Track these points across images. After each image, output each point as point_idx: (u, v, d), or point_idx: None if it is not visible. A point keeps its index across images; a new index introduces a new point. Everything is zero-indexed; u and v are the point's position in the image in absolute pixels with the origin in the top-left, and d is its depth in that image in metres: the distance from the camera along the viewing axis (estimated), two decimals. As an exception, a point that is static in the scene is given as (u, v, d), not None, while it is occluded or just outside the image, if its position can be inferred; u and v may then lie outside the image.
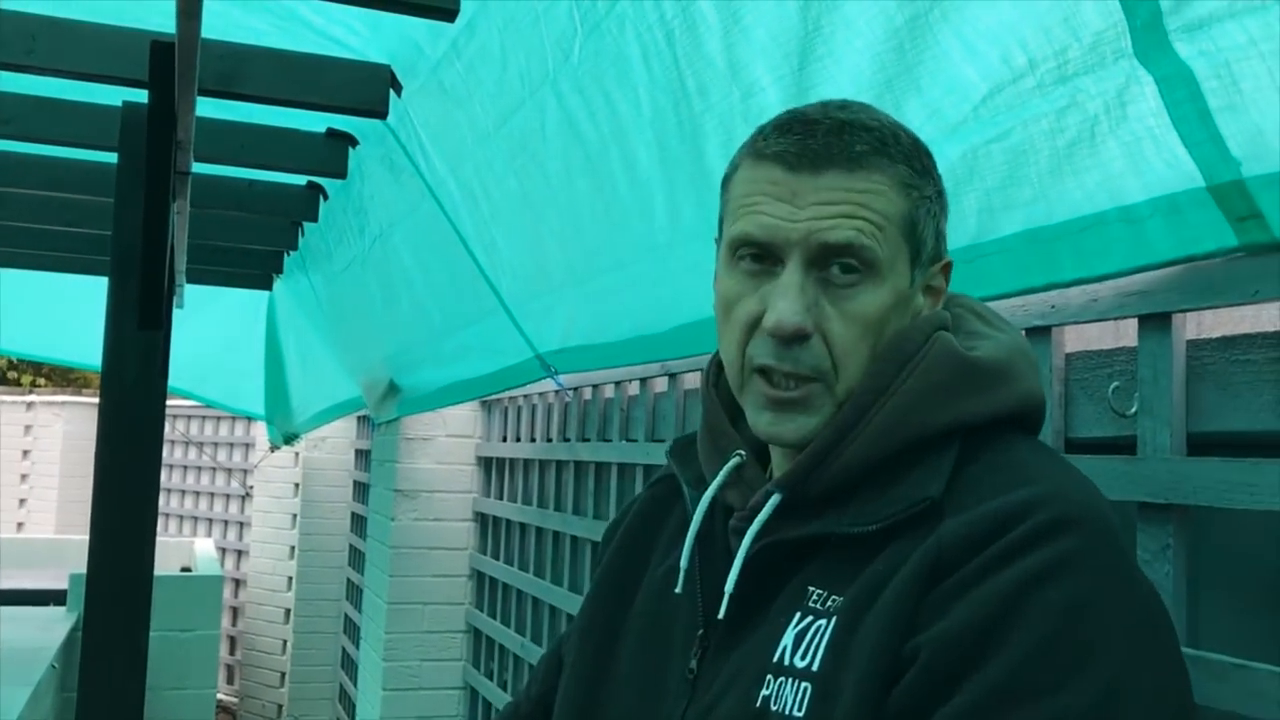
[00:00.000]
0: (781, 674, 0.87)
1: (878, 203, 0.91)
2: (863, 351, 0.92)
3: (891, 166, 0.92)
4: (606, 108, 1.84)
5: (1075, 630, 0.77)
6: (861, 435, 0.90)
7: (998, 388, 0.92)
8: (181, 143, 2.32)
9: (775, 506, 0.93)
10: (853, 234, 0.90)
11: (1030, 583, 0.78)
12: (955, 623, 0.79)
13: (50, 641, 4.22)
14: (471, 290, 2.93)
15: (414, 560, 4.47)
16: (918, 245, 0.95)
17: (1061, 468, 0.89)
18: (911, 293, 0.95)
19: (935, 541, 0.83)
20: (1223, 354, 1.19)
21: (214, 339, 6.01)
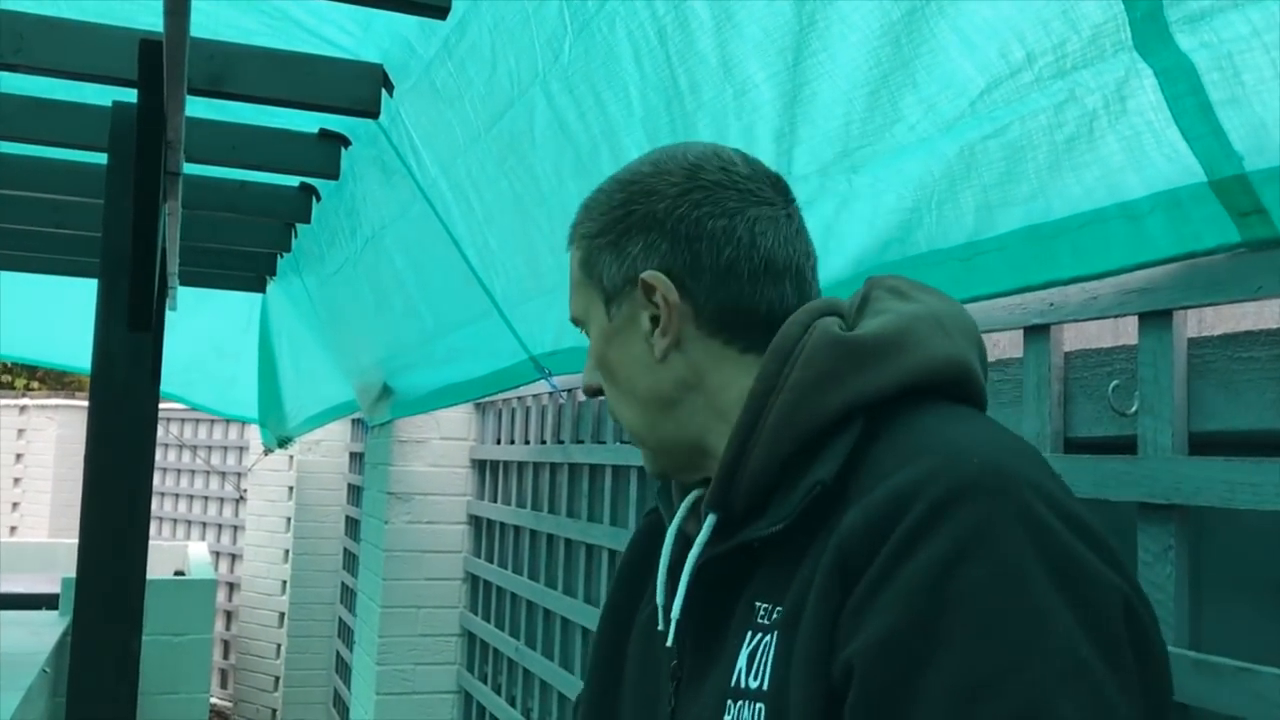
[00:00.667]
0: (740, 697, 0.86)
1: (571, 268, 1.04)
2: (612, 391, 1.03)
3: (576, 231, 1.04)
4: (597, 108, 1.83)
5: (1016, 600, 0.72)
6: (759, 440, 0.90)
7: (885, 361, 0.89)
8: (171, 143, 2.30)
9: (712, 526, 0.93)
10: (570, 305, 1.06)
11: (947, 566, 0.73)
12: (879, 629, 0.75)
13: (42, 646, 4.20)
14: (464, 292, 2.91)
15: (407, 563, 4.45)
16: (599, 281, 1.01)
17: (965, 429, 0.85)
18: (619, 324, 1.00)
19: (836, 538, 0.81)
20: (1224, 352, 1.17)
21: (207, 342, 5.99)
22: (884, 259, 1.47)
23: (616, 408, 1.03)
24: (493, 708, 3.98)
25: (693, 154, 1.01)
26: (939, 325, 0.93)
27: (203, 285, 4.89)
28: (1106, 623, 0.74)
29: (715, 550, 0.93)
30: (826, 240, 1.56)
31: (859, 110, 1.36)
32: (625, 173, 1.03)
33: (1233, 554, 1.22)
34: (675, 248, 0.97)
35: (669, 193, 0.98)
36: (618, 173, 1.04)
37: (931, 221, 1.36)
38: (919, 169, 1.33)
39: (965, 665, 0.72)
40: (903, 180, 1.37)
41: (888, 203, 1.41)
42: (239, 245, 4.35)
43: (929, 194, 1.35)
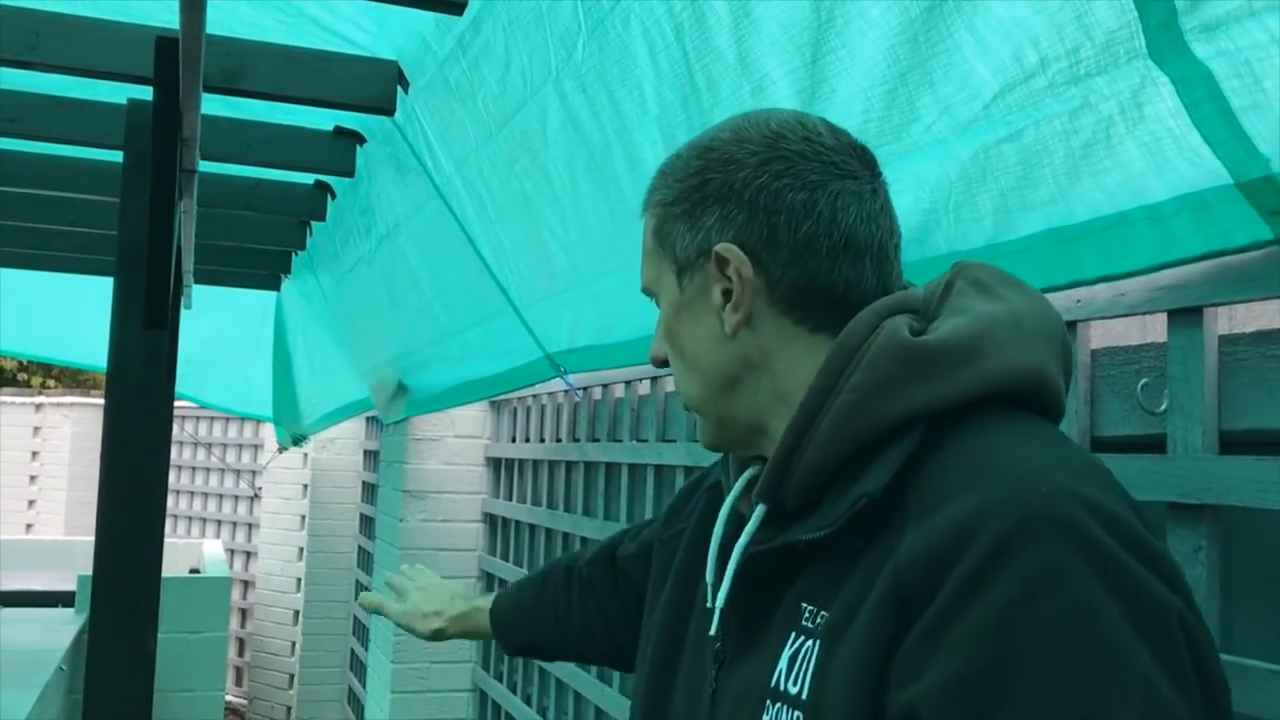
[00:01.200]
0: (778, 699, 0.86)
1: (643, 239, 1.03)
2: (677, 364, 1.01)
3: (650, 198, 1.02)
4: (610, 106, 1.81)
5: (1092, 641, 0.70)
6: (813, 439, 0.88)
7: (956, 370, 0.85)
8: (187, 140, 2.29)
9: (761, 517, 0.93)
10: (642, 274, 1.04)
11: (1017, 607, 0.71)
12: (946, 674, 0.72)
13: (58, 643, 4.20)
14: (479, 290, 2.90)
15: (422, 561, 4.40)
16: (673, 251, 0.98)
17: (1032, 449, 0.81)
18: (690, 297, 0.98)
19: (893, 563, 0.78)
20: (1257, 349, 1.15)
21: (223, 340, 5.99)
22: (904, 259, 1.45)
23: (680, 380, 1.01)
24: (509, 706, 3.97)
25: (775, 121, 0.97)
26: (1018, 329, 0.89)
27: (218, 283, 4.89)
28: (1177, 653, 0.72)
29: (762, 547, 0.92)
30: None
31: (877, 109, 1.35)
32: (705, 138, 0.99)
33: (1265, 555, 1.20)
34: (752, 220, 0.94)
35: (749, 162, 0.95)
36: (697, 138, 1.00)
37: (950, 224, 1.35)
38: (935, 171, 1.32)
39: (1042, 712, 0.69)
40: (919, 182, 1.36)
41: (904, 203, 1.39)
42: (254, 243, 4.35)
43: (945, 196, 1.33)
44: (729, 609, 0.94)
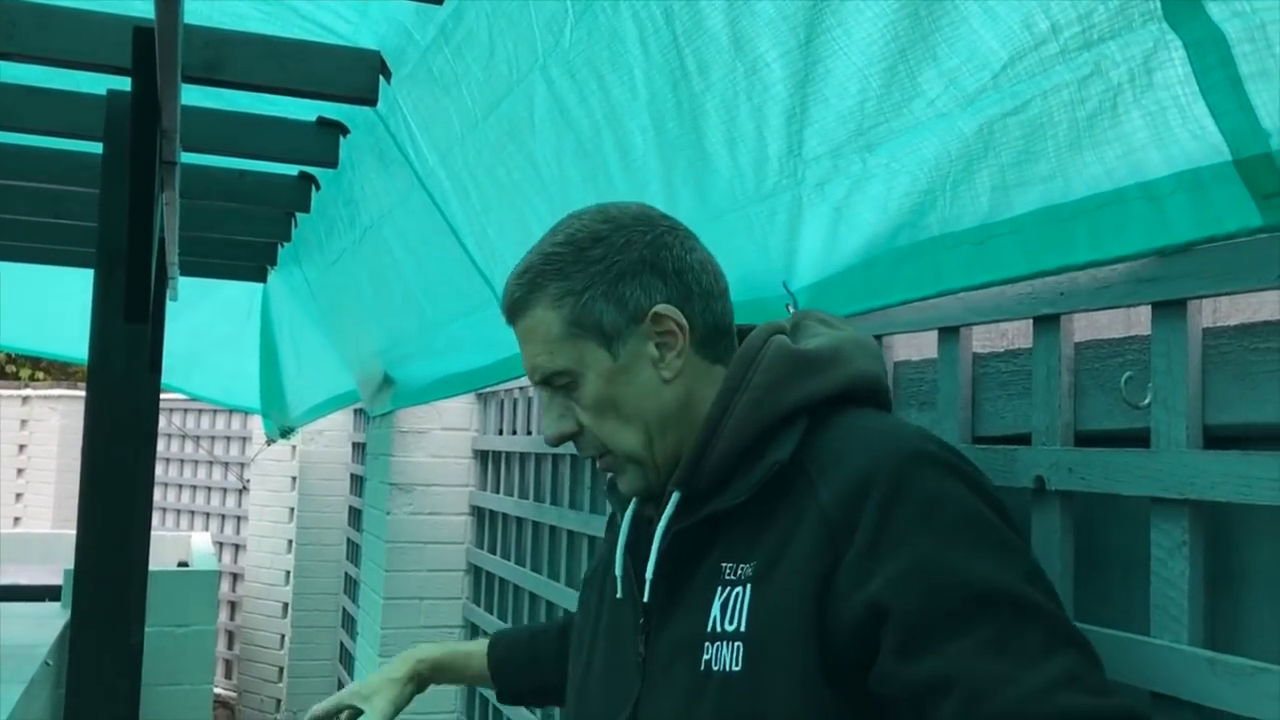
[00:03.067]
0: (717, 639, 1.08)
1: (540, 331, 1.18)
2: (609, 425, 1.18)
3: (541, 295, 1.18)
4: (600, 92, 1.79)
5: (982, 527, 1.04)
6: (726, 429, 1.13)
7: (826, 372, 1.16)
8: (167, 131, 2.26)
9: (677, 502, 1.16)
10: (539, 369, 1.19)
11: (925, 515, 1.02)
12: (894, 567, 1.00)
13: (44, 638, 4.18)
14: (464, 282, 2.88)
15: (410, 555, 4.43)
16: (598, 329, 1.17)
17: (887, 422, 1.16)
18: (625, 361, 1.17)
19: (818, 511, 1.06)
20: (1241, 342, 1.14)
21: (210, 332, 5.96)
22: (895, 244, 1.44)
23: (613, 439, 1.19)
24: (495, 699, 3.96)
25: (629, 209, 1.23)
26: (861, 347, 1.22)
27: (204, 275, 4.86)
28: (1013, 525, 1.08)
29: (685, 523, 1.15)
30: (836, 224, 1.52)
31: (875, 87, 1.32)
32: (580, 233, 1.19)
33: (1249, 550, 1.19)
34: (668, 283, 1.18)
35: (643, 240, 1.19)
36: (564, 236, 1.20)
37: (945, 204, 1.33)
38: (935, 148, 1.30)
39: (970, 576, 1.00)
40: (918, 160, 1.34)
41: (902, 184, 1.38)
42: (239, 235, 4.32)
43: (945, 174, 1.31)
44: (656, 582, 1.16)
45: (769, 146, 1.53)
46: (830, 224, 1.54)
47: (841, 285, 1.58)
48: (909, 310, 1.51)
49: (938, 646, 0.97)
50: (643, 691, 1.17)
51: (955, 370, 1.49)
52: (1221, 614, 1.19)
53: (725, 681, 1.06)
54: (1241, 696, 1.06)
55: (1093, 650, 1.01)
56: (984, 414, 1.47)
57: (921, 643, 0.98)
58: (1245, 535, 1.19)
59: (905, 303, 1.47)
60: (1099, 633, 1.22)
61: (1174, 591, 1.16)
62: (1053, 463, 1.30)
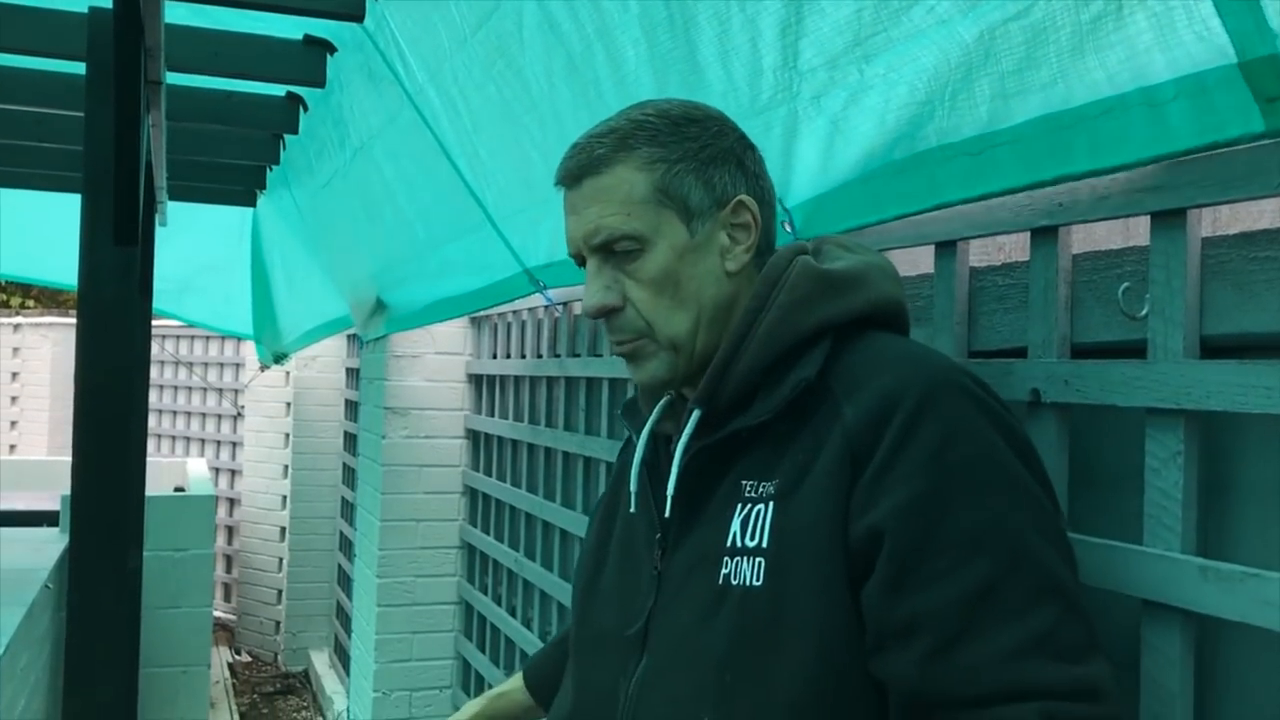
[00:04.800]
0: (736, 554, 1.08)
1: (620, 191, 1.15)
2: (665, 306, 1.16)
3: (630, 155, 1.15)
4: (590, 5, 1.75)
5: (994, 466, 1.02)
6: (749, 346, 1.13)
7: (852, 293, 1.15)
8: (151, 50, 2.22)
9: (697, 420, 1.15)
10: (607, 230, 1.15)
11: (943, 446, 1.01)
12: (900, 498, 1.00)
13: (43, 562, 4.20)
14: (456, 204, 2.85)
15: (406, 478, 4.45)
16: (683, 203, 1.15)
17: (912, 347, 1.14)
18: (699, 240, 1.16)
19: (842, 430, 1.05)
20: (1240, 251, 1.13)
21: (201, 257, 5.92)
22: (891, 157, 1.42)
23: (664, 319, 1.16)
24: (493, 618, 4.01)
25: (712, 108, 1.23)
26: (884, 272, 1.21)
27: (192, 199, 4.82)
28: (1040, 468, 1.07)
29: (707, 440, 1.14)
30: (833, 137, 1.50)
31: (874, -8, 1.30)
32: (673, 110, 1.18)
33: (1244, 459, 1.19)
34: (748, 179, 1.20)
35: (733, 134, 1.21)
36: (656, 110, 1.18)
37: (944, 114, 1.31)
38: (935, 57, 1.27)
39: (971, 517, 0.99)
40: (917, 70, 1.31)
41: (900, 95, 1.35)
42: (227, 158, 4.27)
43: (944, 84, 1.29)
44: (676, 497, 1.15)
45: (763, 59, 1.51)
46: (826, 138, 1.52)
47: (837, 201, 1.57)
48: (905, 225, 1.50)
49: (922, 585, 0.98)
50: (657, 604, 1.16)
51: (951, 285, 1.49)
52: (1213, 523, 1.20)
53: (745, 596, 1.06)
54: (1232, 602, 1.07)
55: (1080, 603, 1.00)
56: (980, 328, 1.47)
57: (907, 578, 0.99)
58: (1238, 445, 1.20)
59: (901, 217, 1.46)
60: (1092, 542, 1.24)
61: (1168, 501, 1.17)
62: (1049, 375, 1.30)
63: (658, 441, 1.25)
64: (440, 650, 4.50)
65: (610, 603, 1.25)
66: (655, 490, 1.21)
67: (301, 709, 6.52)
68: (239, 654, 7.59)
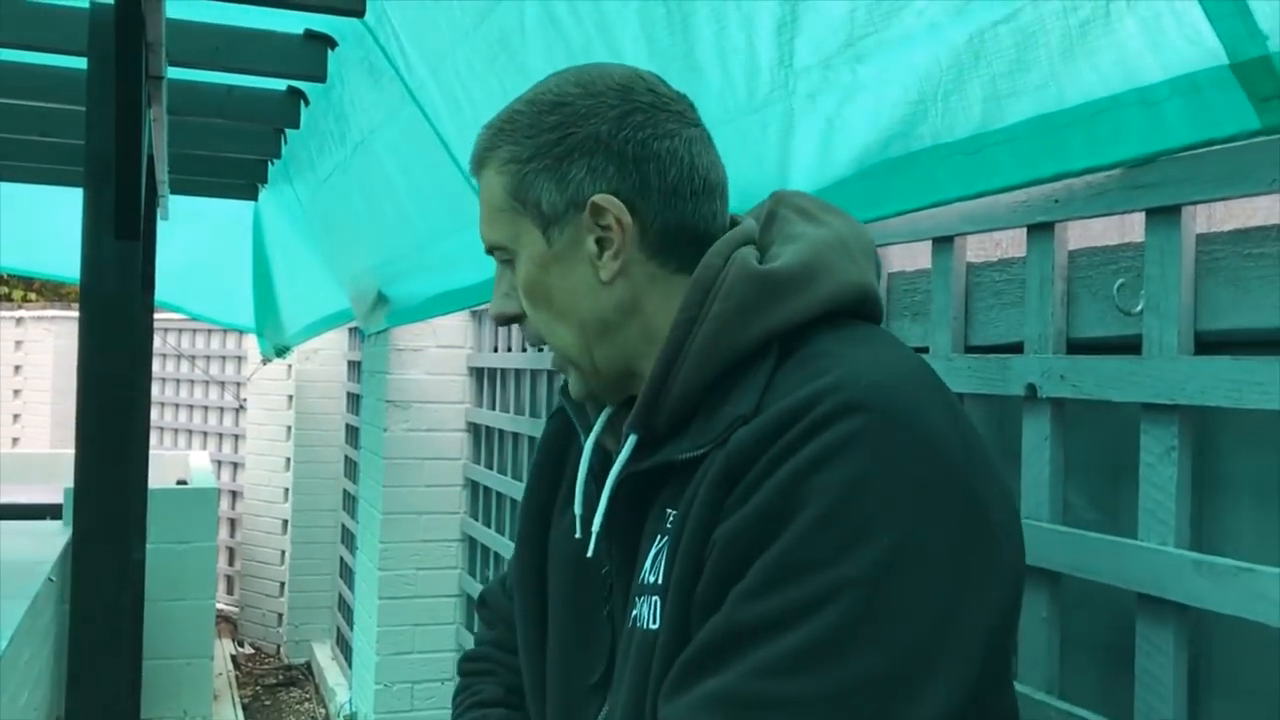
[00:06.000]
0: (643, 592, 0.95)
1: (486, 196, 1.03)
2: (543, 317, 1.03)
3: (493, 156, 1.02)
4: (590, 1, 1.76)
5: (852, 506, 0.81)
6: (683, 366, 0.95)
7: (800, 293, 0.95)
8: (152, 45, 2.23)
9: (633, 446, 0.99)
10: (482, 234, 1.04)
11: (809, 468, 0.82)
12: (744, 514, 0.85)
13: (47, 555, 4.23)
14: (457, 198, 2.86)
15: (408, 470, 4.46)
16: (536, 207, 1.00)
17: (865, 350, 0.92)
18: (560, 249, 1.00)
19: (726, 449, 0.89)
20: (1234, 248, 1.14)
21: (203, 251, 5.93)
22: (887, 154, 1.43)
23: (548, 332, 1.04)
24: (495, 611, 4.02)
25: (617, 75, 1.02)
26: (845, 250, 0.99)
27: (195, 193, 4.82)
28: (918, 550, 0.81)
29: (637, 467, 0.98)
30: (828, 135, 1.51)
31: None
32: (547, 94, 1.02)
33: (1238, 454, 1.20)
34: (622, 170, 0.99)
35: (608, 114, 0.99)
36: (533, 94, 1.03)
37: (937, 115, 1.31)
38: (925, 59, 1.28)
39: (791, 549, 0.81)
40: (908, 71, 1.32)
41: (892, 95, 1.36)
42: (229, 152, 4.28)
43: (935, 85, 1.29)
44: (608, 530, 1.01)
45: (760, 57, 1.51)
46: (822, 135, 1.52)
47: (835, 197, 1.56)
48: (903, 221, 1.51)
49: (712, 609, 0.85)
50: (616, 649, 1.02)
51: (948, 280, 1.49)
52: (1208, 517, 1.21)
53: (642, 641, 0.93)
54: (1225, 596, 1.08)
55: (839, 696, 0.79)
56: (977, 323, 1.48)
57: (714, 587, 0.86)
58: (1232, 440, 1.20)
59: (900, 213, 1.47)
60: (1087, 536, 1.24)
61: (1162, 495, 1.18)
62: (1044, 370, 1.31)
63: (601, 456, 1.08)
64: (442, 643, 4.52)
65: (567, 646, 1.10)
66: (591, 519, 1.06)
67: (304, 701, 6.54)
68: (241, 646, 7.61)
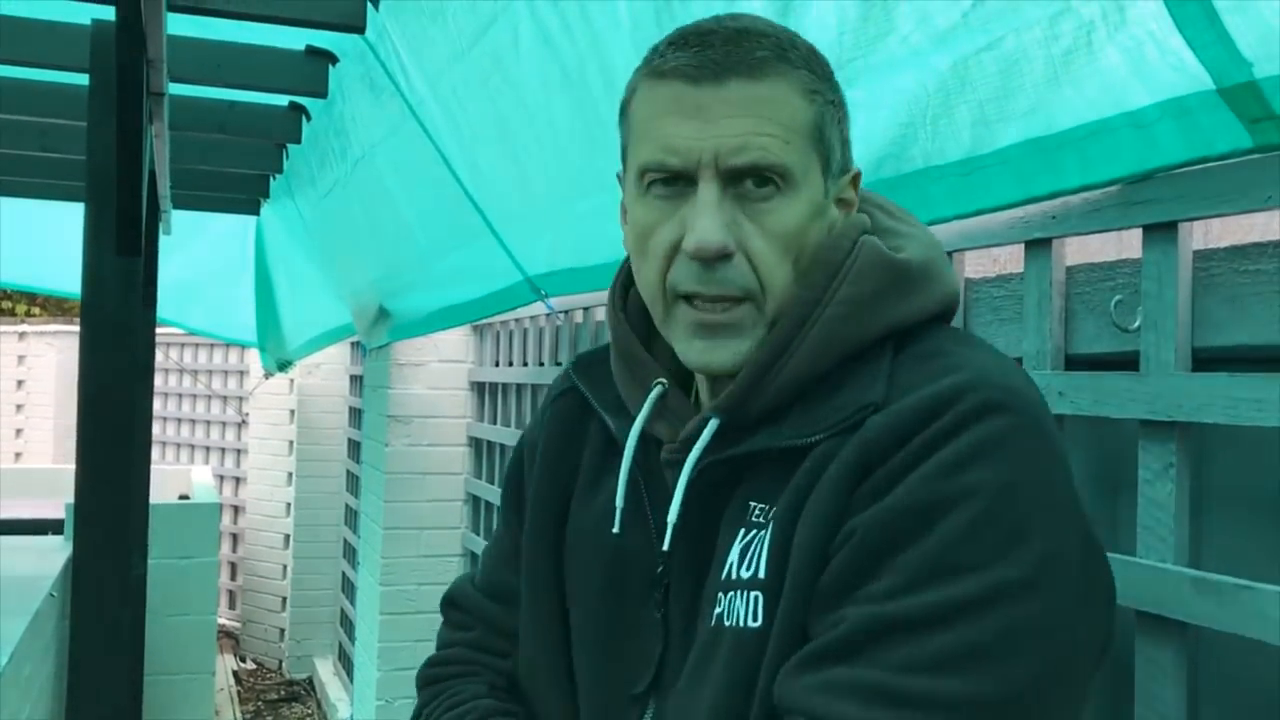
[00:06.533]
0: (730, 588, 0.87)
1: (783, 112, 0.88)
2: (786, 268, 0.90)
3: (793, 72, 0.89)
4: (582, 20, 1.77)
5: (1007, 509, 0.78)
6: (799, 350, 0.89)
7: (925, 289, 0.92)
8: (153, 62, 2.24)
9: (714, 432, 0.91)
10: (760, 151, 0.87)
11: (957, 466, 0.79)
12: (887, 506, 0.80)
13: (48, 570, 4.21)
14: (457, 213, 2.87)
15: (409, 485, 4.46)
16: (826, 153, 0.92)
17: (985, 353, 0.89)
18: (826, 204, 0.93)
19: (860, 437, 0.83)
20: (1231, 264, 1.14)
21: (206, 265, 5.94)
22: (880, 175, 1.43)
23: (785, 284, 0.90)
24: (496, 626, 4.01)
25: None
26: (946, 256, 0.97)
27: (197, 208, 4.84)
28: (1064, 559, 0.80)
29: (721, 454, 0.90)
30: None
31: (851, 20, 1.31)
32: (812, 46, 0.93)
33: (1236, 471, 1.20)
34: (848, 150, 0.97)
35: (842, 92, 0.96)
36: (786, 31, 0.92)
37: (927, 138, 1.32)
38: (912, 83, 1.29)
39: (945, 548, 0.78)
40: (896, 95, 1.33)
41: (880, 118, 1.36)
42: (231, 167, 4.29)
43: (923, 109, 1.30)
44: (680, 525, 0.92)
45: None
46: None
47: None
48: (901, 236, 1.51)
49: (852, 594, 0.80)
50: (665, 651, 0.94)
51: (947, 296, 1.49)
52: (1206, 534, 1.20)
53: (738, 639, 0.86)
54: (1225, 614, 1.08)
55: None
56: (975, 339, 1.48)
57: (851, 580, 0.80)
58: (1230, 456, 1.20)
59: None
60: (1086, 554, 1.24)
61: (1161, 513, 1.17)
62: (1043, 386, 1.31)
63: (649, 447, 0.99)
64: (443, 658, 4.50)
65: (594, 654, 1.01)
66: (653, 508, 0.97)
67: (306, 716, 6.53)
68: (243, 661, 7.59)
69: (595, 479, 1.04)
